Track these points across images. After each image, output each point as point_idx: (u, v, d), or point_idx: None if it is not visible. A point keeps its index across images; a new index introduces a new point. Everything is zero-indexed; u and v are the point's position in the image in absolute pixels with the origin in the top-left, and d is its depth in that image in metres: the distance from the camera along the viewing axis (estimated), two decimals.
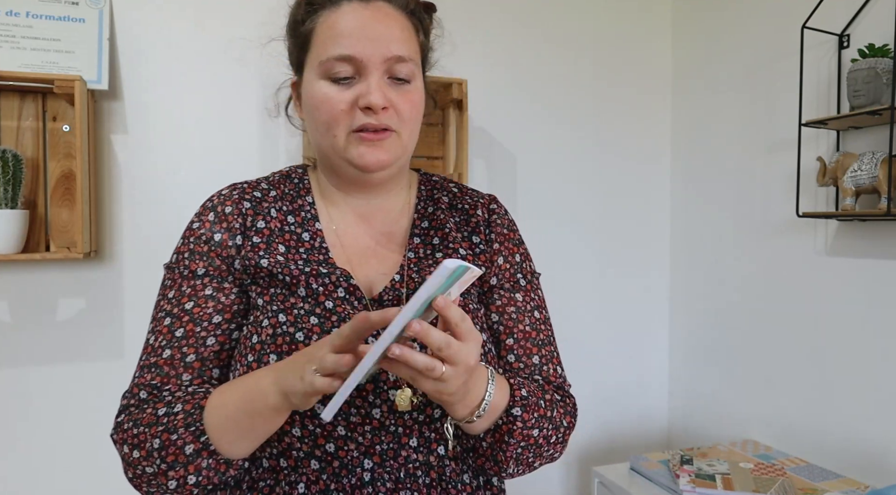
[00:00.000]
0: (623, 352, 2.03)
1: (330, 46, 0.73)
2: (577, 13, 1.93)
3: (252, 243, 0.76)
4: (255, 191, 0.80)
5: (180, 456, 0.66)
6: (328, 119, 0.74)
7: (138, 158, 1.52)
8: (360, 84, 0.73)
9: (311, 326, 0.72)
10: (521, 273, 0.85)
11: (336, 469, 0.71)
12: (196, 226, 0.78)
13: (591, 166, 1.97)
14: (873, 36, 1.42)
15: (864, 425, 1.47)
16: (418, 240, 0.82)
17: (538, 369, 0.82)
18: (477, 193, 0.88)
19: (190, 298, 0.74)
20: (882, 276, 1.43)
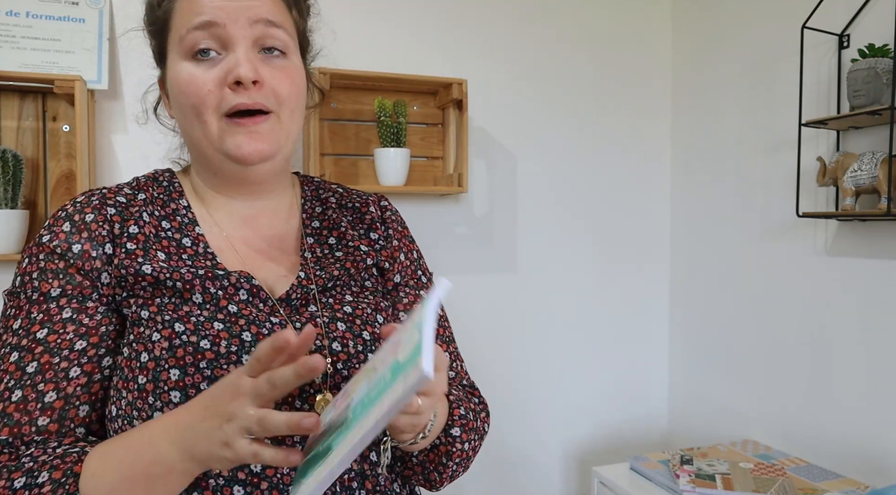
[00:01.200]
0: (623, 352, 2.03)
1: (188, 18, 0.65)
2: (577, 13, 1.93)
3: (126, 250, 0.65)
4: (119, 196, 0.70)
5: None
6: (195, 102, 0.65)
7: (138, 158, 1.52)
8: (228, 58, 0.65)
9: (217, 332, 0.63)
10: (420, 270, 0.84)
11: (264, 491, 0.61)
12: (46, 239, 0.65)
13: (591, 166, 1.97)
14: (873, 36, 1.42)
15: (864, 425, 1.47)
16: (312, 240, 0.76)
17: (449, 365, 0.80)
18: (363, 193, 0.85)
19: (42, 325, 0.61)
20: (882, 276, 1.43)
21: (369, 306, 0.74)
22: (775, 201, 1.69)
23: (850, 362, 1.50)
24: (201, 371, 0.61)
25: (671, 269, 2.07)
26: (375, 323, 0.72)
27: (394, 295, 0.79)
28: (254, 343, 0.64)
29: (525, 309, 1.90)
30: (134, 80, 1.51)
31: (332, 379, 0.66)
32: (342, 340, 0.68)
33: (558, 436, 1.95)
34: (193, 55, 0.66)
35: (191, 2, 0.66)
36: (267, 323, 0.66)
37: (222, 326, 0.64)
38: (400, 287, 0.80)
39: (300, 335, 0.49)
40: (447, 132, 1.75)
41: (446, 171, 1.76)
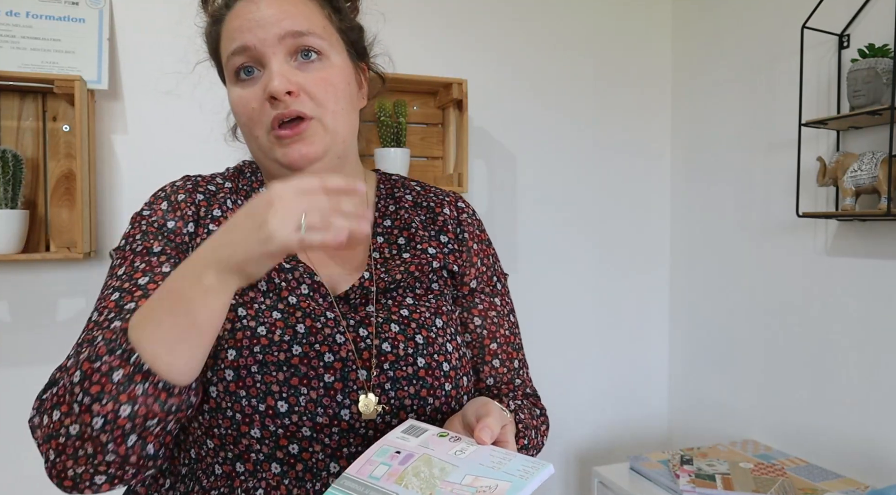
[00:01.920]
0: (623, 352, 2.03)
1: (227, 46, 0.71)
2: (577, 13, 1.93)
3: (208, 231, 0.71)
4: (210, 185, 0.76)
5: (107, 385, 0.54)
6: (246, 121, 0.71)
7: (138, 158, 1.52)
8: (265, 75, 0.69)
9: (274, 321, 0.67)
10: (496, 276, 0.85)
11: (299, 473, 0.66)
12: (147, 213, 0.72)
13: (591, 166, 1.97)
14: (873, 36, 1.42)
15: (864, 425, 1.47)
16: (382, 239, 0.78)
17: (517, 373, 0.82)
18: (441, 191, 0.86)
19: (144, 274, 0.67)
20: (882, 276, 1.43)
21: (428, 310, 0.75)
22: (775, 201, 1.69)
23: (851, 362, 1.50)
24: (254, 354, 0.65)
25: (671, 269, 2.07)
26: (433, 327, 0.74)
27: (469, 299, 0.81)
28: (307, 334, 0.67)
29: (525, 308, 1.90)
30: (134, 80, 1.51)
31: (378, 379, 0.68)
32: (393, 342, 0.70)
33: (558, 436, 1.95)
34: (237, 76, 0.71)
35: (228, 28, 0.71)
36: (322, 317, 0.69)
37: (280, 316, 0.68)
38: (476, 292, 0.81)
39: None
40: (447, 132, 1.75)
41: (446, 171, 1.76)
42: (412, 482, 0.53)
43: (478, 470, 0.53)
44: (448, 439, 0.59)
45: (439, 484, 0.52)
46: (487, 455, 0.55)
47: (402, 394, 0.68)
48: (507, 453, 0.56)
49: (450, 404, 0.71)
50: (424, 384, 0.69)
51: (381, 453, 0.58)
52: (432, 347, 0.71)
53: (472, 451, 0.56)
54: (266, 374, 0.64)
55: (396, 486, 0.53)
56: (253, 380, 0.64)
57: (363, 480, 0.55)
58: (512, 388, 0.81)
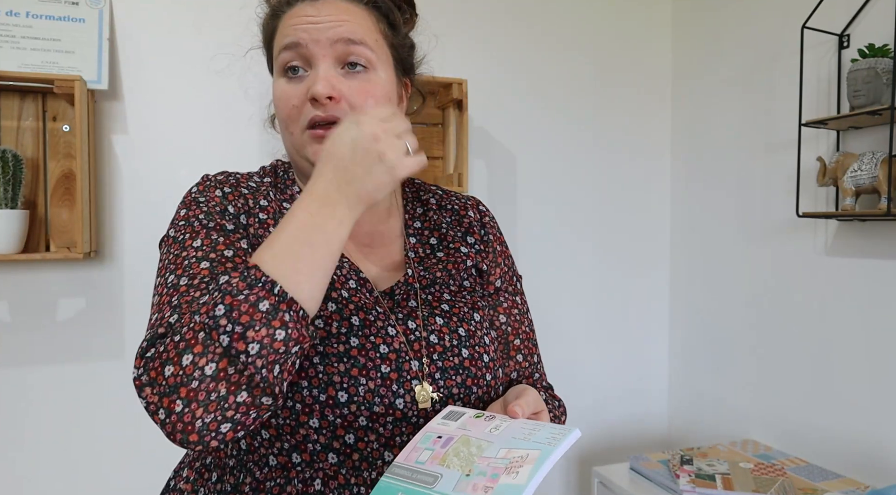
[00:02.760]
0: (623, 352, 2.03)
1: (280, 40, 0.72)
2: (577, 13, 1.93)
3: (259, 220, 0.73)
4: (250, 182, 0.77)
5: (256, 314, 0.55)
6: (284, 116, 0.73)
7: (138, 158, 1.52)
8: (311, 75, 0.71)
9: (330, 313, 0.69)
10: (515, 276, 0.89)
11: (356, 462, 0.68)
12: (202, 199, 0.72)
13: (591, 166, 1.97)
14: (873, 36, 1.42)
15: (864, 425, 1.47)
16: (414, 239, 0.82)
17: (536, 368, 0.87)
18: (460, 195, 0.90)
19: (227, 247, 0.67)
20: (882, 276, 1.43)
21: (466, 305, 0.78)
22: (775, 201, 1.69)
23: (851, 362, 1.50)
24: (315, 346, 0.67)
25: (671, 269, 2.07)
26: (472, 320, 0.77)
27: (495, 298, 0.85)
28: (361, 327, 0.70)
29: None
30: (134, 80, 1.51)
31: (429, 369, 0.71)
32: (439, 334, 0.74)
33: None
34: (285, 72, 0.72)
35: (284, 24, 0.73)
36: (374, 310, 0.72)
37: (334, 308, 0.70)
38: (500, 291, 0.85)
39: None
40: (447, 132, 1.75)
41: (446, 171, 1.76)
42: (453, 462, 0.57)
43: (510, 443, 0.57)
44: (484, 419, 0.62)
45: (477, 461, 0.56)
46: (519, 428, 0.59)
47: (451, 384, 0.72)
48: (536, 424, 0.60)
49: (490, 393, 0.75)
50: (469, 374, 0.73)
51: (425, 440, 0.61)
52: (473, 339, 0.76)
53: (505, 427, 0.60)
54: (328, 365, 0.66)
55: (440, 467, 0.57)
56: (315, 371, 0.66)
57: (411, 466, 0.59)
58: (532, 382, 0.86)
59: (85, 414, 1.50)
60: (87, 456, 1.50)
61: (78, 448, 1.50)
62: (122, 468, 1.52)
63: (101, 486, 1.51)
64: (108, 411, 1.51)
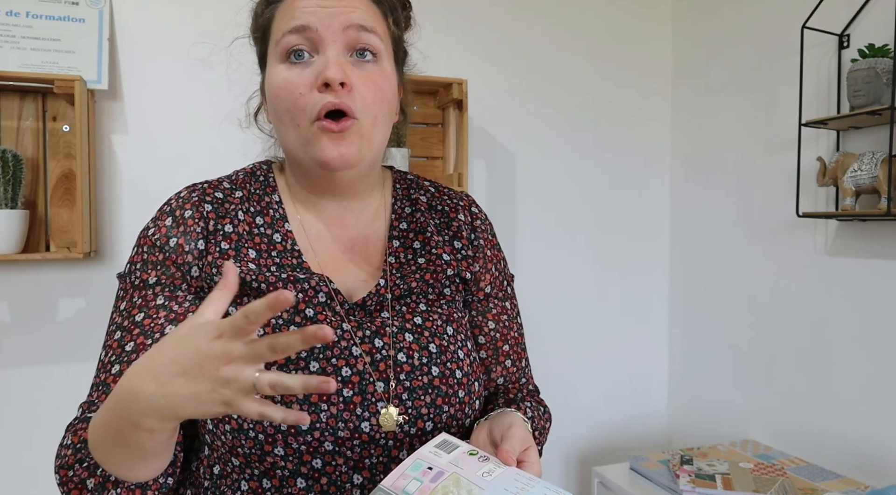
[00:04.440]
0: (623, 352, 2.03)
1: (284, 24, 0.68)
2: (577, 13, 1.93)
3: (220, 249, 0.70)
4: (217, 192, 0.73)
5: (84, 492, 0.58)
6: (289, 106, 0.67)
7: (138, 158, 1.52)
8: (319, 60, 0.67)
9: None
10: (506, 280, 0.86)
11: (324, 486, 0.67)
12: (150, 232, 0.71)
13: (591, 166, 1.97)
14: (873, 36, 1.42)
15: (864, 425, 1.47)
16: (397, 243, 0.78)
17: (523, 372, 0.86)
18: (454, 193, 0.85)
19: (140, 309, 0.68)
20: (882, 276, 1.43)
21: (440, 317, 0.75)
22: (775, 201, 1.69)
23: (850, 362, 1.50)
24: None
25: (671, 269, 2.07)
26: (444, 335, 0.74)
27: (484, 304, 0.82)
28: (322, 349, 0.68)
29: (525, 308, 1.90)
30: (134, 80, 1.51)
31: (395, 390, 0.69)
32: (408, 351, 0.71)
33: (558, 437, 1.95)
34: (287, 57, 0.68)
35: (288, 8, 0.69)
36: (339, 329, 0.69)
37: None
38: (490, 298, 0.83)
39: (290, 298, 0.46)
40: (447, 132, 1.75)
41: (446, 171, 1.76)
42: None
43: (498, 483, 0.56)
44: (477, 458, 0.61)
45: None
46: (512, 479, 0.58)
47: (419, 404, 0.69)
48: (530, 479, 0.58)
49: (464, 409, 0.72)
50: (440, 392, 0.70)
51: (415, 467, 0.60)
52: (445, 356, 0.73)
53: (498, 474, 0.59)
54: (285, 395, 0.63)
55: None
56: (273, 400, 0.63)
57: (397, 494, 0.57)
58: (518, 387, 0.84)
59: None
60: None
61: None
62: None
63: None
64: None
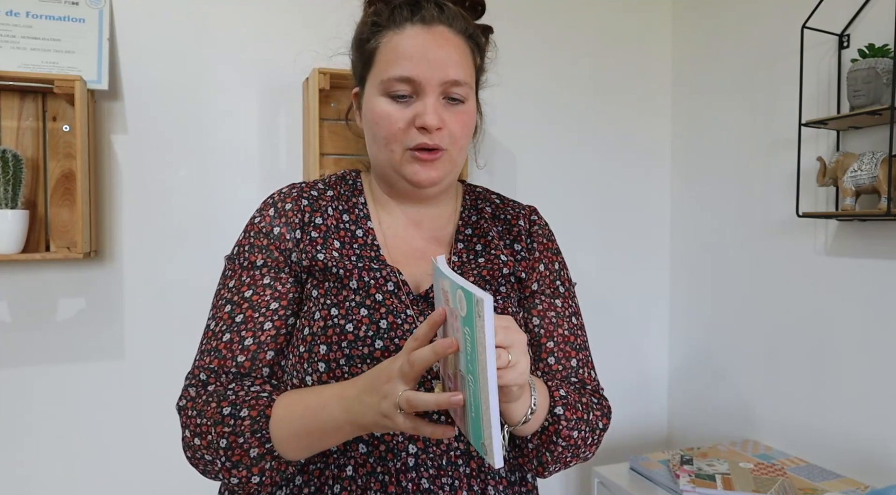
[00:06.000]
0: (623, 352, 2.03)
1: (392, 67, 0.77)
2: (577, 13, 1.93)
3: (310, 237, 0.80)
4: (313, 191, 0.85)
5: (245, 458, 0.70)
6: (386, 135, 0.79)
7: (138, 158, 1.52)
8: (418, 103, 0.78)
9: (361, 317, 0.76)
10: (559, 280, 0.90)
11: (382, 452, 0.75)
12: (257, 220, 0.82)
13: (591, 166, 1.97)
14: (873, 36, 1.42)
15: (864, 425, 1.47)
16: (462, 245, 0.87)
17: (575, 372, 0.87)
18: (518, 205, 0.94)
19: (249, 287, 0.79)
20: (882, 276, 1.43)
21: (496, 309, 0.81)
22: (775, 201, 1.69)
23: (851, 362, 1.50)
24: (342, 349, 0.74)
25: (671, 269, 2.07)
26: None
27: (530, 301, 0.87)
28: (388, 329, 0.76)
29: None
30: (134, 80, 1.51)
31: None
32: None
33: None
34: (391, 95, 0.78)
35: (395, 50, 0.78)
36: (403, 313, 0.78)
37: (366, 312, 0.76)
38: (536, 294, 0.88)
39: (435, 316, 0.61)
40: None
41: None
42: None
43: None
44: None
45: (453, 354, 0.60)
46: None
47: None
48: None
49: None
50: None
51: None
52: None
53: None
54: (353, 367, 0.73)
55: (461, 379, 0.59)
56: (342, 372, 0.73)
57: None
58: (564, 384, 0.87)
59: (85, 414, 1.50)
60: (87, 456, 1.50)
61: (78, 447, 1.50)
62: (123, 467, 1.52)
63: (103, 486, 1.51)
64: (108, 411, 1.51)
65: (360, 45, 0.83)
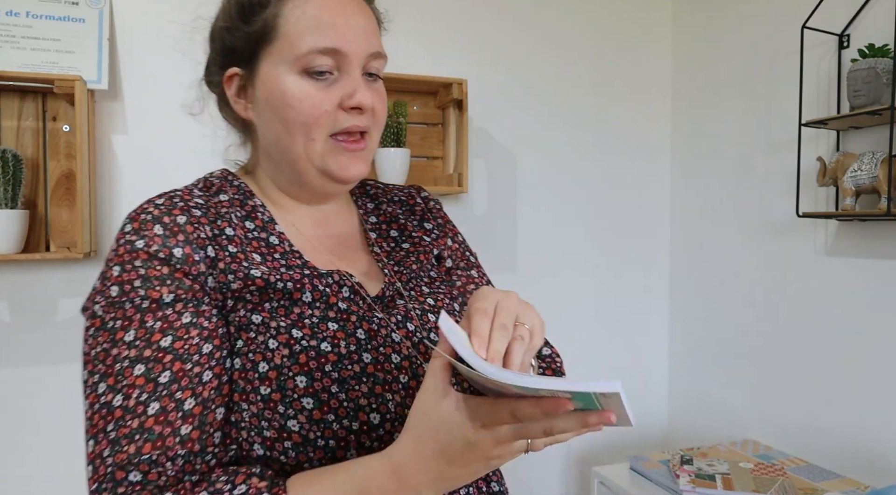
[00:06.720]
0: (623, 352, 2.03)
1: (309, 37, 0.65)
2: (577, 13, 1.93)
3: (229, 254, 0.64)
4: (196, 198, 0.67)
5: None
6: (307, 120, 0.66)
7: (138, 158, 1.52)
8: (343, 81, 0.67)
9: (334, 333, 0.64)
10: (468, 251, 0.85)
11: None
12: (139, 244, 0.60)
13: (591, 166, 1.97)
14: (873, 36, 1.42)
15: (864, 425, 1.47)
16: (375, 234, 0.79)
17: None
18: (403, 186, 0.87)
19: (164, 333, 0.58)
20: (882, 276, 1.43)
21: (446, 295, 0.76)
22: (775, 201, 1.69)
23: (850, 362, 1.50)
24: (328, 374, 0.61)
25: (671, 269, 2.07)
26: (454, 311, 0.74)
27: (447, 278, 0.81)
28: (368, 340, 0.65)
29: None
30: (134, 80, 1.51)
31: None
32: (436, 331, 0.71)
33: None
34: (309, 72, 0.66)
35: (311, 17, 0.66)
36: (374, 319, 0.68)
37: (336, 326, 0.65)
38: (452, 271, 0.81)
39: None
40: (447, 132, 1.75)
41: (446, 171, 1.76)
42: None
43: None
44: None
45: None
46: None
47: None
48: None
49: None
50: None
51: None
52: None
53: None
54: (349, 390, 0.61)
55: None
56: (338, 401, 0.61)
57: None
58: None
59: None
60: None
61: (78, 447, 1.49)
62: None
63: None
64: None
65: (247, 15, 0.68)
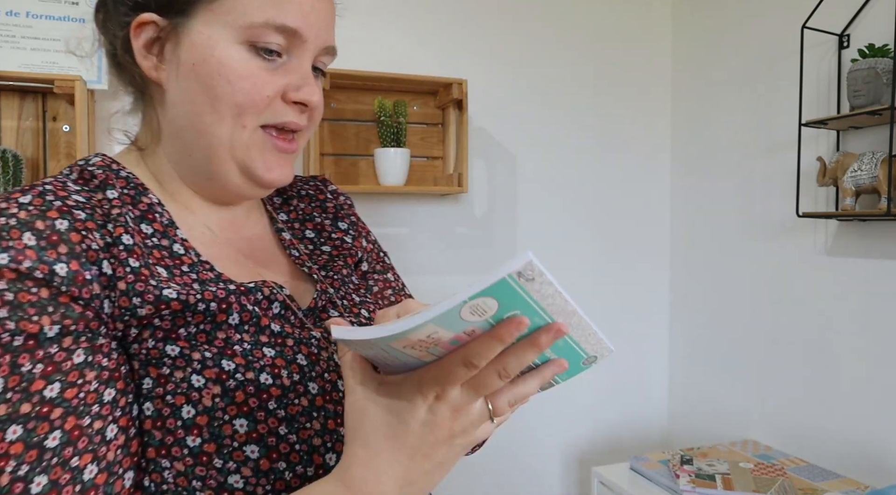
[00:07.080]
0: (623, 352, 2.03)
1: (269, 7, 0.54)
2: (577, 13, 1.93)
3: (132, 269, 0.50)
4: (73, 195, 0.52)
5: None
6: (243, 102, 0.55)
7: None
8: (291, 68, 0.57)
9: (272, 361, 0.53)
10: (381, 251, 0.78)
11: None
12: (3, 260, 0.44)
13: (591, 166, 1.97)
14: (873, 36, 1.42)
15: (864, 425, 1.47)
16: (288, 235, 0.68)
17: None
18: (307, 177, 0.76)
19: (49, 379, 0.44)
20: (882, 276, 1.43)
21: (372, 303, 0.69)
22: (775, 201, 1.69)
23: (850, 362, 1.50)
24: (273, 413, 0.51)
25: (671, 269, 2.07)
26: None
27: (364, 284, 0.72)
28: (310, 367, 0.56)
29: None
30: None
31: None
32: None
33: (558, 436, 1.95)
34: (257, 47, 0.55)
35: None
36: (312, 340, 0.58)
37: (273, 352, 0.54)
38: (369, 275, 0.73)
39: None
40: (447, 132, 1.75)
41: (446, 171, 1.76)
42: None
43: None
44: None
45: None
46: None
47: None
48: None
49: None
50: None
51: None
52: None
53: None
54: (301, 430, 0.53)
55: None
56: (289, 444, 0.52)
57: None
58: None
59: None
60: None
61: None
62: None
63: None
64: None
65: None
